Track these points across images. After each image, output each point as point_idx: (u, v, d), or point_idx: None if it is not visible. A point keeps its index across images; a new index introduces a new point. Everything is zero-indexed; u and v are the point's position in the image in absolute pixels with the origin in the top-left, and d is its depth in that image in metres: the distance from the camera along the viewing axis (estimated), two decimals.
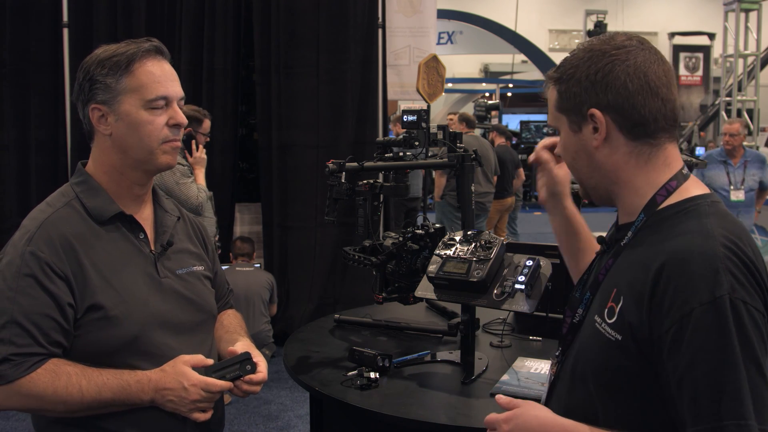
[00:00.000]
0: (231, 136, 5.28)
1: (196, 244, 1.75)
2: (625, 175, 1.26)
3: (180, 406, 1.49)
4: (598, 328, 1.22)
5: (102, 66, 1.51)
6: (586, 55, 1.25)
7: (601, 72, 1.23)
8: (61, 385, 1.42)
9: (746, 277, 1.09)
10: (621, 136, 1.24)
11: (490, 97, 15.46)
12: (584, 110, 1.25)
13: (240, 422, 4.06)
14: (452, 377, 2.05)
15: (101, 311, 1.47)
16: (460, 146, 2.27)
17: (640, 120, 1.22)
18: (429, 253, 2.25)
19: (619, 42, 1.25)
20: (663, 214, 1.22)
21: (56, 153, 5.05)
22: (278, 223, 5.23)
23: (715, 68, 16.11)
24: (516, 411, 1.25)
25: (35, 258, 1.43)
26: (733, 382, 1.05)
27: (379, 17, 5.24)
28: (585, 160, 1.29)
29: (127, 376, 1.47)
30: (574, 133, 1.29)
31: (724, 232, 1.13)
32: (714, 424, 1.05)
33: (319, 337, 2.45)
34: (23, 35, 4.95)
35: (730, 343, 1.06)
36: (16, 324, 1.40)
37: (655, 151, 1.24)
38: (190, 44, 5.09)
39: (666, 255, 1.13)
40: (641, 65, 1.22)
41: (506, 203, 7.81)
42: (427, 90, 3.03)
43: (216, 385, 1.51)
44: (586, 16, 14.55)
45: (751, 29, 11.07)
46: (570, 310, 1.35)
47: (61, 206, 1.52)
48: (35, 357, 1.42)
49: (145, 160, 1.56)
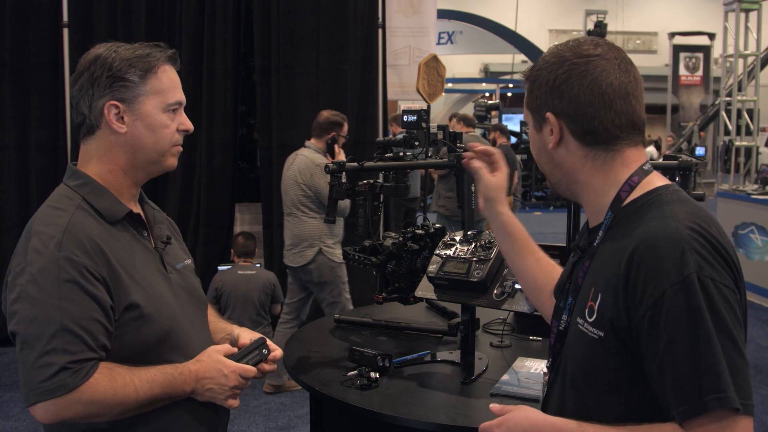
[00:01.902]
0: (231, 136, 5.28)
1: (179, 239, 1.78)
2: (583, 177, 1.30)
3: (218, 394, 1.53)
4: (581, 329, 1.23)
5: (129, 64, 1.51)
6: (551, 60, 1.29)
7: (559, 79, 1.26)
8: (119, 387, 1.42)
9: (713, 256, 1.11)
10: (574, 141, 1.28)
11: (490, 97, 15.45)
12: (543, 112, 1.29)
13: (240, 422, 4.06)
14: (452, 377, 2.04)
15: (137, 310, 1.48)
16: (460, 146, 2.27)
17: (590, 129, 1.25)
18: (429, 253, 2.25)
19: (583, 50, 1.26)
20: (628, 209, 1.24)
21: (56, 153, 5.05)
22: (278, 223, 5.22)
23: (715, 68, 16.12)
24: (507, 415, 1.27)
25: (72, 263, 1.41)
26: (709, 358, 1.07)
27: (379, 17, 5.25)
28: (546, 158, 1.34)
29: (170, 370, 1.50)
30: (537, 132, 1.34)
31: (688, 215, 1.16)
32: (696, 402, 1.07)
33: (319, 337, 2.45)
34: (23, 35, 4.96)
35: (702, 320, 1.07)
36: (67, 331, 1.39)
37: (612, 155, 1.27)
38: (190, 44, 5.10)
39: (634, 244, 1.15)
40: (597, 77, 1.24)
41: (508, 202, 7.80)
42: (427, 90, 3.03)
43: (251, 371, 1.57)
44: (586, 16, 14.56)
45: (751, 29, 11.07)
46: (555, 320, 1.36)
47: (74, 209, 1.50)
48: (90, 362, 1.41)
49: (155, 161, 1.57)
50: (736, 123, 10.99)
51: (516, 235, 1.63)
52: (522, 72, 1.39)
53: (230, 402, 1.56)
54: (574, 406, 1.26)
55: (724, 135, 11.23)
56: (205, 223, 5.26)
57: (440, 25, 11.54)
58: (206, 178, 5.21)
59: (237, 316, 4.74)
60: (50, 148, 5.04)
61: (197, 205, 5.25)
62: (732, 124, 10.98)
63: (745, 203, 7.32)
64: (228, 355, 1.57)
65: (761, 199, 7.14)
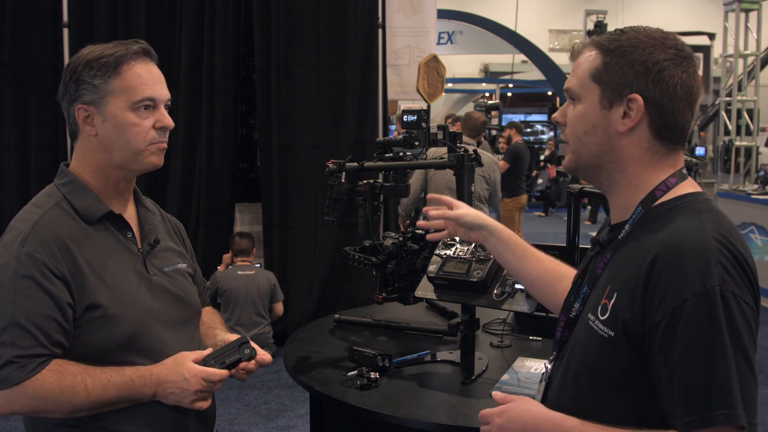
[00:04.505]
0: (231, 136, 5.28)
1: (177, 242, 1.77)
2: (634, 168, 1.26)
3: (182, 398, 1.51)
4: (591, 326, 1.23)
5: (90, 66, 1.52)
6: (647, 41, 1.22)
7: (660, 65, 1.21)
8: (67, 385, 1.42)
9: (736, 271, 1.11)
10: (647, 131, 1.23)
11: (490, 97, 15.44)
12: (625, 92, 1.22)
13: (240, 422, 4.06)
14: (452, 377, 2.04)
15: (99, 310, 1.47)
16: (460, 146, 2.27)
17: (673, 124, 1.23)
18: (429, 253, 2.25)
19: (682, 44, 1.24)
20: (658, 210, 1.23)
21: (56, 153, 5.04)
22: (278, 223, 5.23)
23: (715, 68, 16.10)
24: (509, 405, 1.27)
25: (32, 259, 1.43)
26: (722, 373, 1.06)
27: (379, 17, 5.24)
28: (599, 138, 1.26)
29: (129, 372, 1.48)
30: (602, 108, 1.25)
31: (716, 227, 1.15)
32: (704, 414, 1.06)
33: (319, 337, 2.45)
34: (23, 35, 4.95)
35: (721, 334, 1.07)
36: (17, 326, 1.40)
37: (668, 154, 1.26)
38: (190, 44, 5.09)
39: (658, 249, 1.14)
40: (692, 76, 1.23)
41: (521, 201, 7.80)
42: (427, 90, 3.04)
43: (215, 374, 1.53)
44: (586, 16, 14.52)
45: (751, 29, 11.05)
46: (564, 314, 1.35)
47: (50, 207, 1.52)
48: (39, 358, 1.41)
49: (131, 160, 1.56)
50: (736, 123, 10.97)
51: (512, 242, 1.61)
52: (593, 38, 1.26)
53: (198, 405, 1.53)
54: (572, 402, 1.25)
55: (724, 135, 11.21)
56: (205, 223, 5.26)
57: (440, 25, 11.53)
58: (206, 178, 5.21)
59: (236, 317, 4.75)
60: (50, 148, 5.03)
61: (197, 205, 5.25)
62: (732, 124, 10.96)
63: (745, 203, 7.32)
64: (198, 359, 1.54)
65: (761, 199, 7.14)
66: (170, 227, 1.78)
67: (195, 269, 1.83)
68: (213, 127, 5.18)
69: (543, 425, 1.22)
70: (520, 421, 1.24)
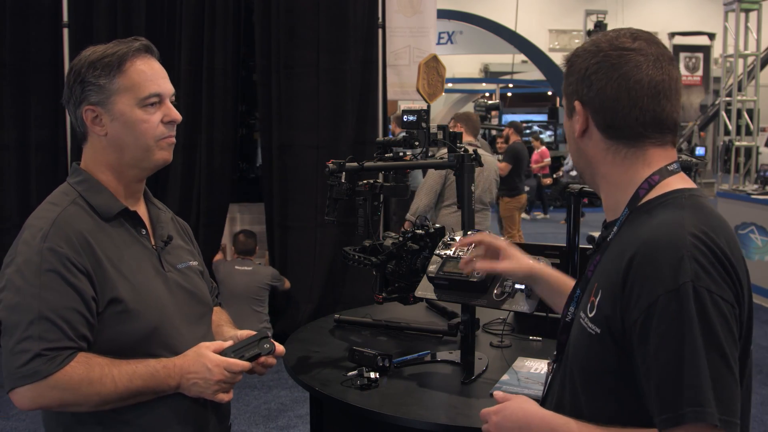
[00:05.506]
0: (231, 136, 5.28)
1: (186, 240, 1.78)
2: (603, 169, 1.29)
3: (205, 389, 1.52)
4: (582, 324, 1.24)
5: (93, 67, 1.53)
6: (589, 48, 1.28)
7: (590, 69, 1.25)
8: (95, 376, 1.43)
9: (714, 267, 1.09)
10: (598, 132, 1.27)
11: (490, 97, 15.45)
12: (572, 100, 1.29)
13: (240, 422, 4.06)
14: (452, 377, 2.04)
15: (121, 305, 1.49)
16: (459, 146, 2.27)
17: (613, 124, 1.25)
18: (429, 253, 2.25)
19: (620, 42, 1.24)
20: (643, 209, 1.23)
21: (56, 153, 5.05)
22: (278, 223, 5.23)
23: (715, 68, 16.09)
24: (506, 403, 1.30)
25: (55, 253, 1.44)
26: (692, 370, 1.05)
27: (379, 17, 5.24)
28: (572, 146, 1.35)
29: (154, 363, 1.50)
30: (568, 118, 1.34)
31: (698, 222, 1.14)
32: (675, 413, 1.06)
33: (319, 337, 2.45)
34: (23, 35, 4.95)
35: (691, 331, 1.06)
36: (44, 319, 1.41)
37: (634, 152, 1.26)
38: (190, 44, 5.09)
39: (637, 246, 1.14)
40: (627, 72, 1.22)
41: (521, 200, 7.80)
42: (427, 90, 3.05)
43: (237, 364, 1.54)
44: (586, 16, 14.53)
45: (751, 29, 11.05)
46: (562, 318, 1.38)
47: (67, 204, 1.53)
48: (66, 351, 1.42)
49: (142, 157, 1.57)
50: (736, 123, 10.98)
51: (561, 284, 1.64)
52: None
53: (219, 396, 1.54)
54: (570, 401, 1.27)
55: (724, 135, 11.22)
56: (205, 223, 5.26)
57: (440, 25, 11.54)
58: (206, 178, 5.21)
59: (233, 311, 4.74)
60: (50, 148, 5.03)
61: (197, 205, 5.25)
62: (732, 124, 10.97)
63: (745, 203, 7.32)
64: (220, 350, 1.56)
65: (761, 199, 7.14)
66: (179, 227, 1.79)
67: (204, 268, 1.84)
68: (213, 127, 5.18)
69: (534, 423, 1.25)
70: (515, 419, 1.27)
